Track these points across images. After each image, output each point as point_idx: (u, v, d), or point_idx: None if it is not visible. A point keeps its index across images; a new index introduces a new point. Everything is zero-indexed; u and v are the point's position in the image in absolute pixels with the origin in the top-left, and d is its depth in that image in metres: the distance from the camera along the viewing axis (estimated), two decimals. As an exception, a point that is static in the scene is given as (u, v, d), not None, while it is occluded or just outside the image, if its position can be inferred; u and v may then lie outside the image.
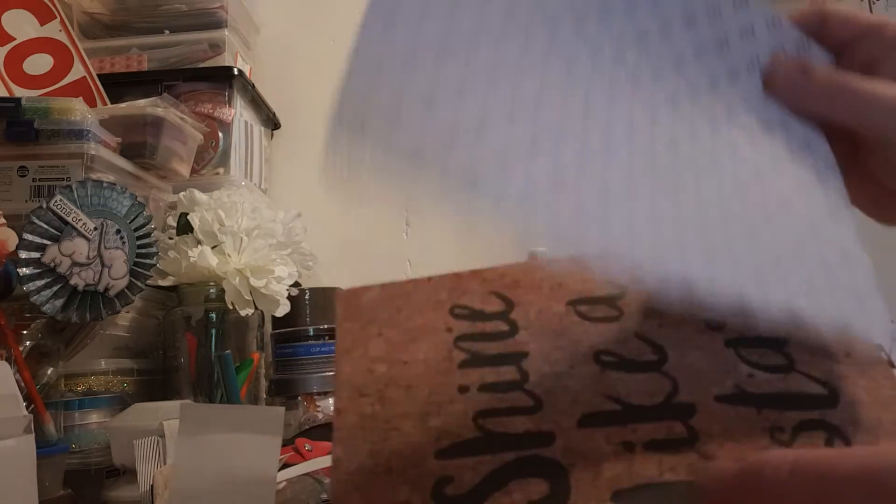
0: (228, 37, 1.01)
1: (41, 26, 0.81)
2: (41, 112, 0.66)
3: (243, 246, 0.73)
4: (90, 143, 0.67)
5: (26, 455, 0.46)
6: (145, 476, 0.50)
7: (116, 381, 0.69)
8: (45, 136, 0.66)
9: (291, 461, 0.63)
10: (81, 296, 0.61)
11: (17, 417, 0.46)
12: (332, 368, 0.86)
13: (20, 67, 0.79)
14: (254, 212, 0.76)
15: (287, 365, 0.86)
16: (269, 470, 0.40)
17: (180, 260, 0.72)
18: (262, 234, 0.74)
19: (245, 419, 0.41)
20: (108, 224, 0.63)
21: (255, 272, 0.73)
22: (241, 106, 0.99)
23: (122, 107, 0.79)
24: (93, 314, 0.61)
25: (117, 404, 0.67)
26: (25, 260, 0.58)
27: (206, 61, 1.00)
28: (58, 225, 0.60)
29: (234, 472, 0.40)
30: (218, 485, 0.40)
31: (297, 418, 0.82)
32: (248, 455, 0.40)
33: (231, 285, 0.71)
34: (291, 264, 0.77)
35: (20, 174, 0.66)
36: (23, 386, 0.56)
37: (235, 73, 0.96)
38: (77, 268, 0.60)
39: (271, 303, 0.75)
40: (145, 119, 0.76)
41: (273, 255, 0.75)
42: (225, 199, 0.76)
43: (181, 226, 0.75)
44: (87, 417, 0.65)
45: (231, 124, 0.95)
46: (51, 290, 0.59)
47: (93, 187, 0.62)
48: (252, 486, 0.40)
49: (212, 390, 0.71)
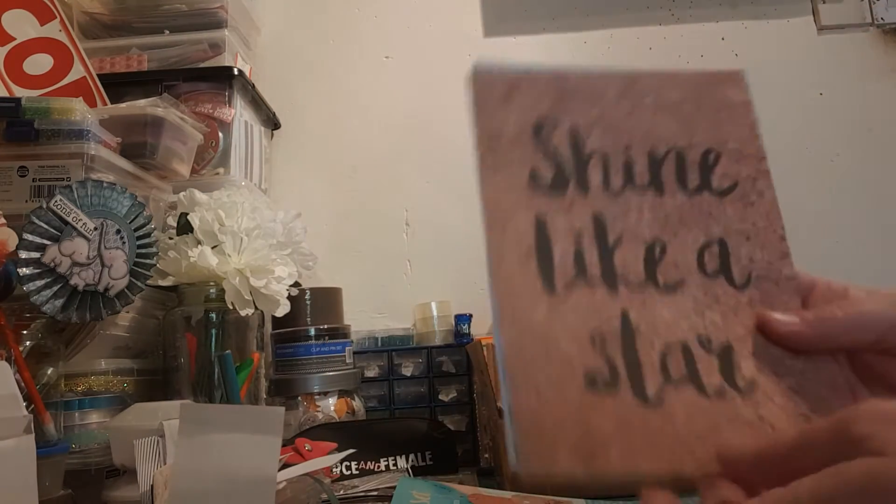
0: (228, 37, 1.01)
1: (41, 26, 0.81)
2: (41, 112, 0.66)
3: (243, 246, 0.73)
4: (90, 143, 0.67)
5: (26, 455, 0.46)
6: (145, 476, 0.50)
7: (116, 381, 0.69)
8: (45, 136, 0.66)
9: (291, 461, 0.63)
10: (81, 296, 0.61)
11: (17, 417, 0.46)
12: (332, 368, 0.86)
13: (20, 67, 0.79)
14: (254, 212, 0.76)
15: (287, 365, 0.86)
16: (269, 470, 0.40)
17: (180, 260, 0.72)
18: (262, 234, 0.74)
19: (245, 419, 0.41)
20: (108, 224, 0.63)
21: (255, 272, 0.73)
22: (241, 106, 0.99)
23: (122, 107, 0.79)
24: (93, 314, 0.61)
25: (117, 404, 0.67)
26: (25, 260, 0.58)
27: (206, 61, 1.00)
28: (58, 225, 0.60)
29: (234, 472, 0.40)
30: (218, 485, 0.40)
31: (297, 418, 0.82)
32: (248, 455, 0.40)
33: (231, 285, 0.71)
34: (291, 264, 0.77)
35: (20, 174, 0.66)
36: (23, 386, 0.56)
37: (235, 73, 0.96)
38: (77, 268, 0.60)
39: (271, 303, 0.75)
40: (145, 119, 0.76)
41: (273, 255, 0.75)
42: (225, 199, 0.76)
43: (181, 226, 0.75)
44: (87, 417, 0.65)
45: (231, 124, 0.95)
46: (51, 290, 0.59)
47: (93, 187, 0.62)
48: (252, 486, 0.40)
49: (212, 390, 0.71)
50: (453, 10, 1.22)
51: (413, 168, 1.17)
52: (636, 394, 0.29)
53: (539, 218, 0.31)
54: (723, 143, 0.34)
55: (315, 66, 1.21)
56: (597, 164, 0.33)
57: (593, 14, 1.22)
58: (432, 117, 1.18)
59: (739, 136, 0.35)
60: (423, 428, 0.79)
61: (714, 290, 0.31)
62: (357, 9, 1.22)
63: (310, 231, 0.86)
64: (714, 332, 0.31)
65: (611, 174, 0.33)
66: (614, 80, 0.35)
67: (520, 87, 0.34)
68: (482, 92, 0.34)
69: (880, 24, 1.19)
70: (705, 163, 0.34)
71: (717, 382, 0.29)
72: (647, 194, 0.33)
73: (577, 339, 0.29)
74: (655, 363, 0.29)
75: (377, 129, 1.18)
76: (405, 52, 1.21)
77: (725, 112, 0.35)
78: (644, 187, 0.33)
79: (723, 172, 0.34)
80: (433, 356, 0.97)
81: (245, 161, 0.99)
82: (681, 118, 0.34)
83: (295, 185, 1.17)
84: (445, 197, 1.15)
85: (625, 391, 0.29)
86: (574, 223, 0.32)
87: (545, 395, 0.28)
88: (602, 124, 0.34)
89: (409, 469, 0.74)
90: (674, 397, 0.29)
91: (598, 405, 0.28)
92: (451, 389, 0.96)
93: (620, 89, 0.35)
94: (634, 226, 0.32)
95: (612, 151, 0.33)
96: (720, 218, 0.33)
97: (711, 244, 0.32)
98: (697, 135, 0.34)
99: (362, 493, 0.64)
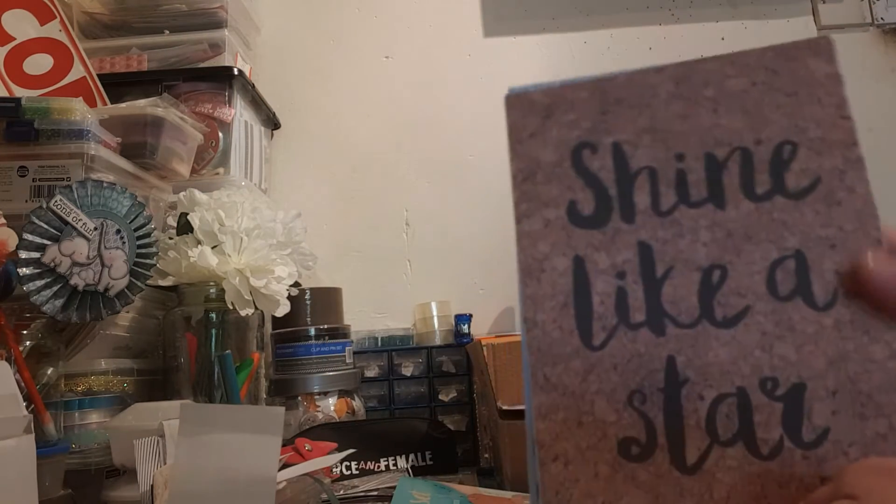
0: (228, 37, 1.01)
1: (41, 26, 0.81)
2: (41, 112, 0.66)
3: (243, 246, 0.73)
4: (90, 143, 0.67)
5: (26, 455, 0.46)
6: (145, 476, 0.50)
7: (116, 381, 0.69)
8: (45, 136, 0.66)
9: (291, 461, 0.63)
10: (81, 296, 0.61)
11: (17, 417, 0.46)
12: (332, 368, 0.86)
13: (20, 67, 0.79)
14: (254, 212, 0.76)
15: (287, 365, 0.86)
16: (269, 470, 0.40)
17: (180, 260, 0.72)
18: (262, 234, 0.74)
19: (245, 419, 0.41)
20: (108, 224, 0.63)
21: (255, 272, 0.73)
22: (241, 106, 0.99)
23: (122, 107, 0.79)
24: (93, 314, 0.61)
25: (117, 404, 0.67)
26: (25, 260, 0.58)
27: (206, 61, 1.00)
28: (58, 225, 0.60)
29: (234, 472, 0.40)
30: (218, 485, 0.40)
31: (297, 418, 0.82)
32: (248, 455, 0.40)
33: (231, 285, 0.71)
34: (291, 264, 0.77)
35: (20, 174, 0.66)
36: (23, 386, 0.56)
37: (235, 73, 0.96)
38: (77, 268, 0.60)
39: (271, 303, 0.75)
40: (145, 119, 0.76)
41: (273, 255, 0.75)
42: (225, 199, 0.76)
43: (181, 226, 0.75)
44: (87, 417, 0.65)
45: (231, 124, 0.95)
46: (51, 290, 0.59)
47: (93, 187, 0.62)
48: (252, 486, 0.40)
49: (212, 390, 0.71)
50: (453, 10, 1.22)
51: (413, 168, 1.17)
52: (674, 461, 0.25)
53: (577, 259, 0.28)
54: (801, 131, 0.28)
55: (315, 66, 1.21)
56: (644, 182, 0.29)
57: (593, 14, 1.22)
58: (432, 117, 1.18)
59: (823, 119, 0.28)
60: (423, 428, 0.79)
61: (788, 315, 0.26)
62: (357, 9, 1.22)
63: (310, 231, 0.86)
64: (783, 371, 0.26)
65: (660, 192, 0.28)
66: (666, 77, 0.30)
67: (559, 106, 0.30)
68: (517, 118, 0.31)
69: (880, 24, 1.19)
70: (778, 160, 0.28)
71: (774, 437, 0.25)
72: (705, 210, 0.28)
73: (614, 399, 0.26)
74: (702, 420, 0.26)
75: (377, 129, 1.18)
76: (405, 52, 1.21)
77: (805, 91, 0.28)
78: (701, 202, 0.28)
79: (801, 168, 0.28)
80: (433, 356, 0.97)
81: (245, 161, 0.99)
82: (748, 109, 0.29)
83: (295, 185, 1.17)
84: (445, 197, 1.15)
85: (661, 458, 0.26)
86: (617, 258, 0.28)
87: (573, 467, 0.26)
88: (651, 133, 0.29)
89: (409, 469, 0.74)
90: (718, 462, 0.25)
91: (630, 476, 0.26)
92: (451, 389, 0.96)
93: (673, 86, 0.30)
94: (688, 251, 0.28)
95: (663, 164, 0.29)
96: (797, 225, 0.27)
97: (786, 259, 0.27)
98: (769, 126, 0.28)
99: (362, 493, 0.64)
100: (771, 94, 0.29)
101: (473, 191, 1.15)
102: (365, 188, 1.16)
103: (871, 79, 1.17)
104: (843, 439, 0.25)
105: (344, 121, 1.19)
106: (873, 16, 1.19)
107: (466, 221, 1.13)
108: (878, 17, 1.19)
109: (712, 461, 0.25)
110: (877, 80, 1.17)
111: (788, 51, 0.29)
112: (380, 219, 1.15)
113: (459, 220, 1.14)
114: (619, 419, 0.26)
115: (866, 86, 1.16)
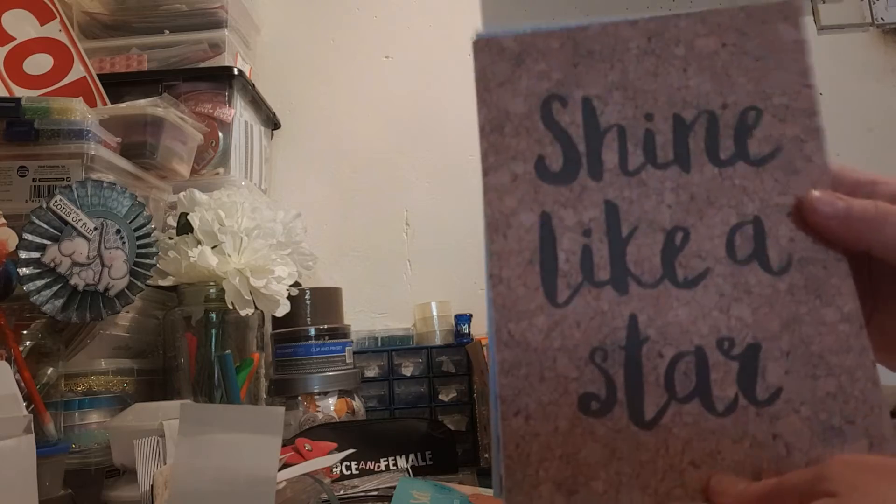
0: (228, 37, 1.01)
1: (41, 26, 0.81)
2: (41, 112, 0.66)
3: (243, 246, 0.73)
4: (90, 143, 0.67)
5: (26, 455, 0.46)
6: (145, 476, 0.50)
7: (116, 381, 0.69)
8: (45, 136, 0.66)
9: (291, 461, 0.63)
10: (81, 296, 0.61)
11: (17, 417, 0.46)
12: (332, 368, 0.86)
13: (20, 67, 0.79)
14: (254, 212, 0.76)
15: (287, 365, 0.86)
16: (269, 470, 0.40)
17: (180, 260, 0.72)
18: (262, 234, 0.74)
19: (245, 419, 0.41)
20: (108, 224, 0.63)
21: (255, 272, 0.73)
22: (241, 106, 0.99)
23: (122, 107, 0.79)
24: (93, 314, 0.61)
25: (117, 404, 0.67)
26: (25, 260, 0.58)
27: (206, 61, 1.00)
28: (58, 225, 0.60)
29: (234, 472, 0.40)
30: (218, 485, 0.40)
31: (297, 418, 0.82)
32: (248, 455, 0.40)
33: (231, 285, 0.71)
34: (291, 264, 0.77)
35: (20, 174, 0.66)
36: (23, 386, 0.56)
37: (235, 73, 0.96)
38: (77, 268, 0.60)
39: (271, 303, 0.75)
40: (145, 119, 0.76)
41: (273, 255, 0.75)
42: (225, 199, 0.76)
43: (181, 226, 0.75)
44: (87, 417, 0.65)
45: (231, 124, 0.95)
46: (51, 290, 0.59)
47: (93, 187, 0.62)
48: (252, 486, 0.40)
49: (212, 390, 0.71)
50: (453, 10, 1.22)
51: (413, 168, 1.17)
52: (632, 416, 0.26)
53: (545, 215, 0.28)
54: (767, 97, 0.28)
55: (315, 66, 1.21)
56: (613, 140, 0.29)
57: (593, 14, 1.22)
58: (432, 117, 1.18)
59: (788, 86, 0.28)
60: (423, 428, 0.79)
61: (745, 279, 0.27)
62: (357, 9, 1.22)
63: (310, 231, 0.86)
64: (739, 332, 0.26)
65: (629, 151, 0.28)
66: (639, 31, 0.29)
67: (529, 54, 0.30)
68: (486, 64, 0.30)
69: (880, 24, 1.19)
70: (742, 125, 0.28)
71: (729, 395, 0.26)
72: (671, 172, 0.28)
73: (576, 356, 0.27)
74: (661, 378, 0.26)
75: (377, 129, 1.18)
76: (405, 52, 1.21)
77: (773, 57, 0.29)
78: (667, 164, 0.28)
79: (763, 135, 0.28)
80: (433, 356, 0.97)
81: (245, 161, 0.99)
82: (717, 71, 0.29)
83: (295, 185, 1.17)
84: (445, 197, 1.15)
85: (620, 414, 0.26)
86: (583, 216, 0.28)
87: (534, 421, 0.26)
88: (621, 90, 0.29)
89: (409, 469, 0.74)
90: (675, 418, 0.26)
91: (589, 431, 0.26)
92: (451, 389, 0.96)
93: (645, 41, 0.29)
94: (653, 212, 0.28)
95: (632, 123, 0.29)
96: (756, 192, 0.28)
97: (744, 225, 0.27)
98: (736, 91, 0.28)
99: (362, 493, 0.64)
100: (739, 57, 0.29)
101: (473, 191, 1.14)
102: (365, 188, 1.16)
103: (872, 79, 1.17)
104: (794, 398, 0.26)
105: (344, 121, 1.19)
106: (873, 16, 1.19)
107: (466, 221, 1.13)
108: (878, 17, 1.19)
109: (669, 417, 0.26)
110: (877, 80, 1.17)
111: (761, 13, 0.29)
112: (380, 219, 1.15)
113: (459, 220, 1.14)
114: (581, 375, 0.27)
115: (866, 86, 1.16)
